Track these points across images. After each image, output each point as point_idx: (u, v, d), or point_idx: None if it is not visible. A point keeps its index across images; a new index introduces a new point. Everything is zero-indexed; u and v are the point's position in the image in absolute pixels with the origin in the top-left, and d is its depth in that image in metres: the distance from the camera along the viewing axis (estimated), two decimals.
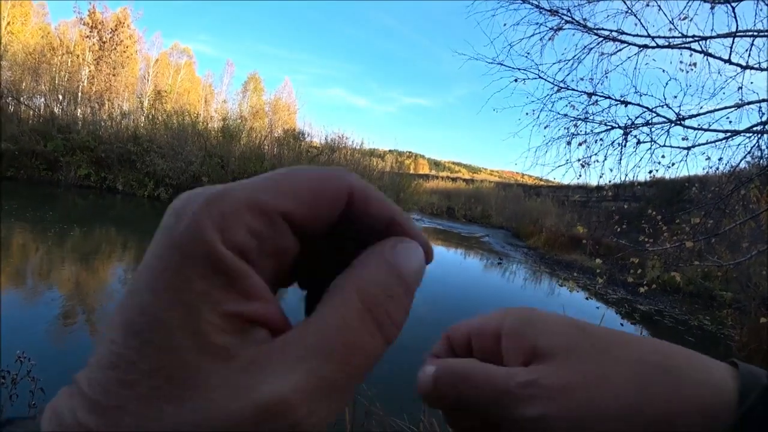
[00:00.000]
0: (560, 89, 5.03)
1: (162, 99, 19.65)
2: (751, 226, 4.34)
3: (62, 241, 6.75)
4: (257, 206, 0.15)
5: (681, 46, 4.26)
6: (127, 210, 11.05)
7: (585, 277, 10.17)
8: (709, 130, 4.20)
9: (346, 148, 17.28)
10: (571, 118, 5.05)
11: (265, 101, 39.09)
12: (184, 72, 34.60)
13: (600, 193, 16.84)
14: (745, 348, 4.61)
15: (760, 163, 4.01)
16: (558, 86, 5.02)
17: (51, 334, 3.63)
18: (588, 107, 4.91)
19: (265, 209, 0.16)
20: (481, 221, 24.32)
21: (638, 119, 4.54)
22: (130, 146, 13.35)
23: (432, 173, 47.92)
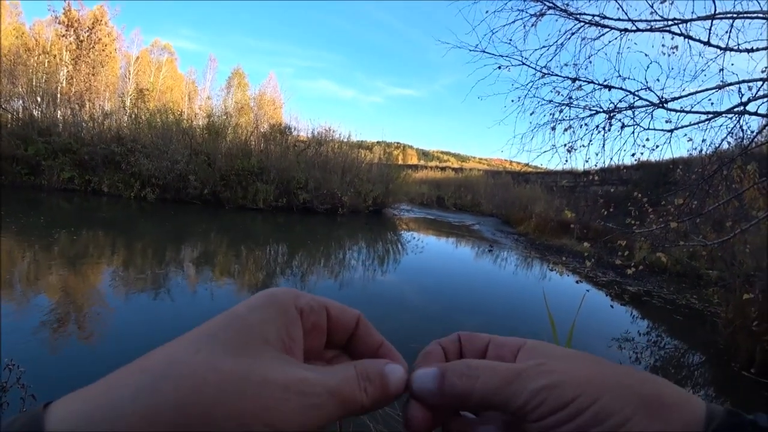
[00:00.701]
0: (544, 75, 5.04)
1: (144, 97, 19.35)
2: (734, 205, 4.43)
3: (49, 246, 6.64)
4: (313, 301, 0.30)
5: (662, 30, 4.29)
6: (113, 212, 10.89)
7: (575, 260, 10.30)
8: (692, 112, 4.25)
9: (334, 141, 17.17)
10: (556, 104, 5.07)
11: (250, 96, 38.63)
12: (166, 69, 33.98)
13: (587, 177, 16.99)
14: (730, 324, 4.72)
15: (741, 144, 4.08)
16: (542, 72, 5.04)
17: (40, 340, 3.59)
18: (572, 92, 4.94)
19: (315, 305, 0.30)
20: (471, 209, 24.45)
21: (621, 103, 4.58)
22: (113, 147, 13.12)
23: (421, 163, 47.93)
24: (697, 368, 4.75)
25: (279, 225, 12.32)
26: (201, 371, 0.21)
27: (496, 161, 57.55)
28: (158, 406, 0.20)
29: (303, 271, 7.40)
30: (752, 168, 4.51)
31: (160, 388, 0.21)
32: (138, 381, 0.21)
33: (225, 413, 0.21)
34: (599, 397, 0.24)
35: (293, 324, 0.27)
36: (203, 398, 0.21)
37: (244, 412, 0.21)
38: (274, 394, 0.22)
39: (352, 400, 0.26)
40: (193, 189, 13.15)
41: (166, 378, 0.21)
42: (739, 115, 3.94)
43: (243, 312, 0.26)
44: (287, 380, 0.23)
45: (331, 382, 0.25)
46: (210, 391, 0.21)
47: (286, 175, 14.33)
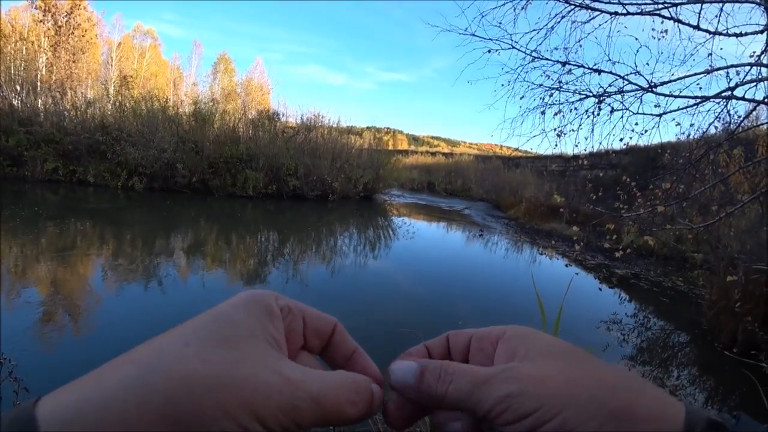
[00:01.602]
0: (534, 59, 5.02)
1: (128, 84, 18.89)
2: (720, 190, 4.49)
3: (36, 238, 6.54)
4: (291, 303, 0.31)
5: (652, 13, 4.27)
6: (101, 202, 10.72)
7: (564, 244, 10.42)
8: (680, 97, 4.28)
9: (323, 126, 16.99)
10: (546, 88, 5.06)
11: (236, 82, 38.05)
12: (150, 55, 33.19)
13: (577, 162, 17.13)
14: (714, 306, 4.83)
15: (728, 128, 4.11)
16: (532, 56, 5.01)
17: (31, 334, 3.56)
18: (562, 76, 4.93)
19: (293, 308, 0.30)
20: (461, 194, 24.50)
21: (611, 87, 4.59)
22: (98, 136, 12.83)
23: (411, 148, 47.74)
24: (682, 348, 4.87)
25: (269, 212, 12.26)
26: (191, 363, 0.22)
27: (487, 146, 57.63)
28: (148, 396, 0.20)
29: (294, 258, 7.40)
30: (738, 152, 4.56)
31: (149, 380, 0.21)
32: (127, 373, 0.21)
33: (213, 403, 0.21)
34: (562, 410, 0.24)
35: (277, 321, 0.28)
36: (193, 389, 0.21)
37: (232, 403, 0.22)
38: (259, 388, 0.23)
39: (336, 410, 0.26)
40: (181, 177, 12.98)
41: (155, 370, 0.21)
42: (727, 99, 3.97)
43: (228, 309, 0.26)
44: (273, 376, 0.24)
45: (314, 388, 0.25)
46: (199, 382, 0.22)
47: (275, 161, 14.19)
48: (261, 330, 0.26)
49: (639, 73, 4.33)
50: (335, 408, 0.26)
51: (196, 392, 0.21)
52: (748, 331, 4.24)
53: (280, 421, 0.23)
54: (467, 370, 0.28)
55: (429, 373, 0.29)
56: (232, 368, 0.23)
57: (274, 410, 0.23)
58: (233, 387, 0.22)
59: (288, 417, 0.24)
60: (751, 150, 4.71)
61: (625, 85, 4.46)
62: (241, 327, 0.25)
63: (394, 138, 69.14)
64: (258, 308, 0.27)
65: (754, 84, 3.82)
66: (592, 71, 4.67)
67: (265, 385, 0.23)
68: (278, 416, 0.23)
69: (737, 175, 4.39)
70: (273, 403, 0.23)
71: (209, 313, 0.26)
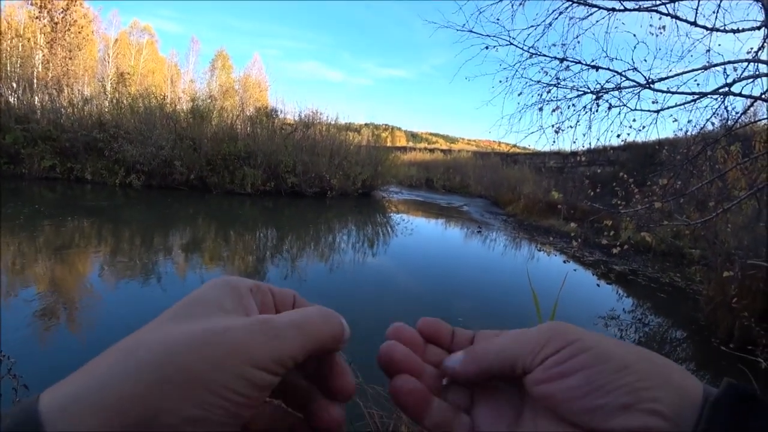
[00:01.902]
0: (532, 55, 5.01)
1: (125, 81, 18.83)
2: (717, 186, 4.51)
3: (34, 236, 6.53)
4: (259, 283, 0.32)
5: (650, 9, 4.27)
6: (98, 200, 10.70)
7: (562, 241, 10.44)
8: (678, 93, 4.28)
9: (321, 123, 16.95)
10: (544, 85, 5.06)
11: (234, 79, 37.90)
12: (147, 52, 33.03)
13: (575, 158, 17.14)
14: (711, 301, 4.85)
15: (726, 124, 4.12)
16: (529, 52, 5.01)
17: (30, 331, 3.56)
18: (559, 73, 4.93)
19: (261, 286, 0.32)
20: (459, 191, 24.51)
21: (609, 83, 4.59)
22: (95, 133, 12.78)
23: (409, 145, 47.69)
24: (679, 344, 4.90)
25: (267, 209, 12.24)
26: (170, 334, 0.24)
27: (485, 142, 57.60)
28: (138, 367, 0.22)
29: (292, 255, 7.40)
30: (735, 148, 4.58)
31: (136, 355, 0.22)
32: (115, 358, 0.23)
33: (199, 358, 0.22)
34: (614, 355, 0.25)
35: (247, 298, 0.29)
36: (177, 352, 0.22)
37: (219, 354, 0.23)
38: (238, 335, 0.24)
39: (316, 332, 0.27)
40: (179, 175, 12.95)
41: (138, 347, 0.23)
42: (724, 96, 3.97)
43: (198, 293, 0.28)
44: (250, 322, 0.25)
45: (294, 316, 0.27)
46: (181, 346, 0.23)
47: (273, 158, 14.16)
48: (232, 305, 0.28)
49: (636, 70, 4.33)
50: (315, 330, 0.27)
51: (180, 353, 0.22)
52: (745, 327, 4.27)
53: (270, 356, 0.24)
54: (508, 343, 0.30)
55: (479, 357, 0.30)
56: (210, 330, 0.24)
57: (261, 347, 0.24)
58: (216, 341, 0.23)
59: (276, 350, 0.25)
60: (748, 146, 4.72)
61: (623, 81, 4.47)
62: (212, 304, 0.27)
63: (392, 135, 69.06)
64: (228, 288, 0.29)
65: (752, 80, 3.83)
66: (589, 68, 4.67)
67: (245, 329, 0.25)
68: (267, 352, 0.24)
69: (734, 171, 4.41)
70: (258, 342, 0.24)
71: (181, 300, 0.27)
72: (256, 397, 0.24)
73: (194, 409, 0.22)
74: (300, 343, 0.26)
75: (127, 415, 0.20)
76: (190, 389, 0.22)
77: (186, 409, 0.22)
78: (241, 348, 0.24)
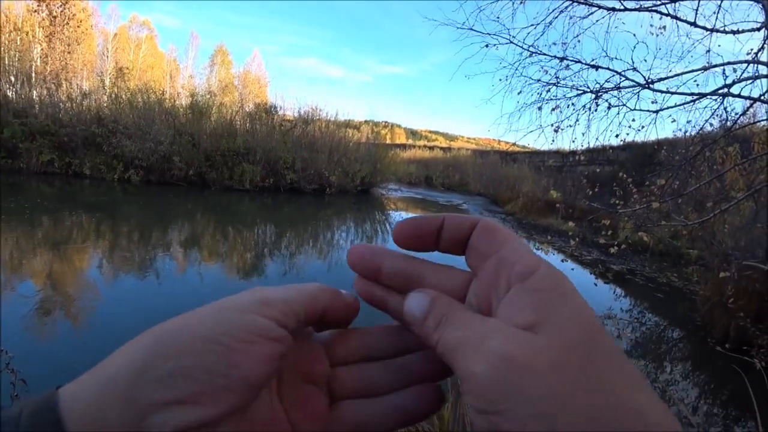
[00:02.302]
0: (532, 54, 5.02)
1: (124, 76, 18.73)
2: (715, 186, 4.52)
3: (32, 230, 6.52)
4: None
5: (650, 9, 4.27)
6: (97, 195, 10.68)
7: (560, 240, 10.46)
8: (677, 93, 4.28)
9: (321, 120, 16.92)
10: (543, 83, 5.07)
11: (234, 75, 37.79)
12: (146, 46, 32.90)
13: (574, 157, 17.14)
14: (707, 302, 4.87)
15: (725, 125, 4.13)
16: (529, 51, 5.01)
17: (27, 325, 3.56)
18: (559, 72, 4.93)
19: None
20: (459, 189, 24.50)
21: (608, 83, 4.59)
22: (94, 128, 12.73)
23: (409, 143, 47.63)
24: (675, 344, 4.92)
25: (266, 206, 12.23)
26: (173, 323, 0.23)
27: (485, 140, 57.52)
28: (136, 345, 0.22)
29: (291, 251, 7.40)
30: (734, 149, 4.58)
31: (140, 340, 0.22)
32: (125, 349, 0.22)
33: (186, 318, 0.23)
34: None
35: None
36: (171, 322, 0.23)
37: (205, 311, 0.23)
38: (234, 315, 0.23)
39: (316, 290, 0.27)
40: (178, 170, 12.92)
41: (143, 336, 0.22)
42: (723, 96, 3.98)
43: None
44: (244, 301, 0.24)
45: (289, 293, 0.26)
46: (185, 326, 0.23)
47: (272, 155, 14.14)
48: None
49: (636, 70, 4.34)
50: (314, 289, 0.27)
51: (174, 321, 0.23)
52: (741, 327, 4.29)
53: (260, 300, 0.24)
54: (459, 324, 0.23)
55: (432, 314, 0.25)
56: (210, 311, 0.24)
57: (249, 295, 0.24)
58: (212, 319, 0.23)
59: (265, 298, 0.24)
60: (747, 147, 4.73)
61: (623, 81, 4.47)
62: None
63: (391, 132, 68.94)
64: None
65: (751, 81, 3.84)
66: (589, 67, 4.67)
67: (240, 310, 0.24)
68: (257, 299, 0.24)
69: (733, 172, 4.42)
70: (247, 296, 0.24)
71: None
72: (253, 341, 0.22)
73: (180, 359, 0.21)
74: (288, 294, 0.25)
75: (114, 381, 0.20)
76: (173, 341, 0.21)
77: (171, 361, 0.21)
78: (227, 302, 0.24)
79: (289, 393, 0.26)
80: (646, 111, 4.53)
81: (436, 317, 0.24)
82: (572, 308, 0.22)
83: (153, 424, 0.20)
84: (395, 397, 0.27)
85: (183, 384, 0.20)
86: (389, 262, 0.29)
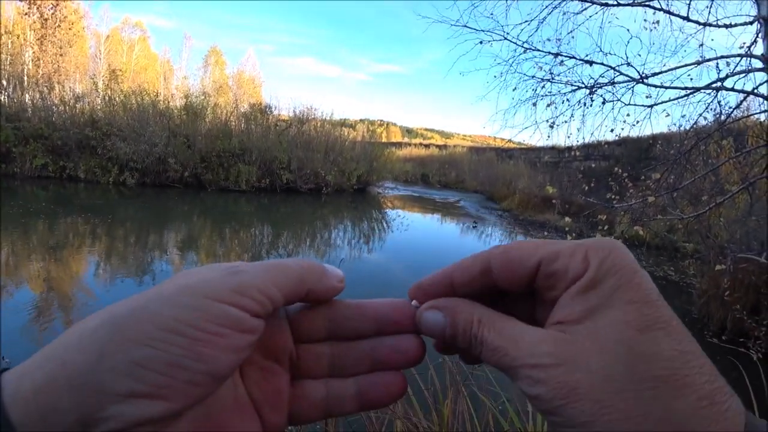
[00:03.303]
0: (526, 50, 5.02)
1: (117, 78, 18.61)
2: (710, 180, 4.53)
3: (27, 235, 6.48)
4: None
5: (643, 4, 4.28)
6: (92, 198, 10.63)
7: (557, 235, 10.48)
8: (671, 88, 4.30)
9: (316, 119, 16.91)
10: (538, 80, 5.07)
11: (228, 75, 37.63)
12: (139, 48, 32.70)
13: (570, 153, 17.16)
14: (704, 295, 4.90)
15: (718, 119, 4.14)
16: (524, 47, 5.01)
17: (23, 331, 3.54)
18: (554, 68, 4.94)
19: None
20: (455, 186, 24.53)
21: (602, 78, 4.60)
22: (87, 131, 12.67)
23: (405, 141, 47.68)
24: None
25: (263, 206, 12.21)
26: (128, 306, 0.21)
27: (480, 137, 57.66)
28: (81, 331, 0.20)
29: (288, 251, 7.39)
30: (728, 143, 4.60)
31: (91, 323, 0.20)
32: (75, 333, 0.20)
33: (145, 299, 0.21)
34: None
35: None
36: (121, 305, 0.21)
37: (165, 292, 0.21)
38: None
39: (292, 265, 0.25)
40: (173, 172, 12.88)
41: (94, 319, 0.21)
42: (717, 90, 3.99)
43: None
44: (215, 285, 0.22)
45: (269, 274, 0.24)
46: (128, 301, 0.21)
47: (268, 155, 14.12)
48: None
49: (630, 64, 4.34)
50: (289, 265, 0.25)
51: (125, 304, 0.21)
52: (737, 319, 4.31)
53: (231, 287, 0.22)
54: (498, 347, 0.24)
55: (459, 335, 0.26)
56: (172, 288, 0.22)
57: (220, 279, 0.22)
58: (167, 284, 0.22)
59: (238, 282, 0.22)
60: (741, 140, 4.75)
61: (617, 76, 4.48)
62: None
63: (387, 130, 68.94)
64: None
65: (744, 75, 3.85)
66: (583, 62, 4.68)
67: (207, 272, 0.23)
68: (227, 284, 0.22)
69: (727, 165, 4.43)
70: (217, 276, 0.23)
71: None
72: (223, 334, 0.21)
73: (143, 349, 0.19)
74: (269, 276, 0.23)
75: (68, 367, 0.19)
76: (133, 327, 0.19)
77: (132, 350, 0.19)
78: (195, 284, 0.22)
79: (250, 370, 0.25)
80: (640, 106, 4.54)
81: (464, 336, 0.25)
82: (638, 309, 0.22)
83: (110, 416, 0.18)
84: (358, 380, 0.27)
85: (147, 376, 0.19)
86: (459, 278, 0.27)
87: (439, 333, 0.26)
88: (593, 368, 0.20)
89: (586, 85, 4.70)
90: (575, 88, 4.84)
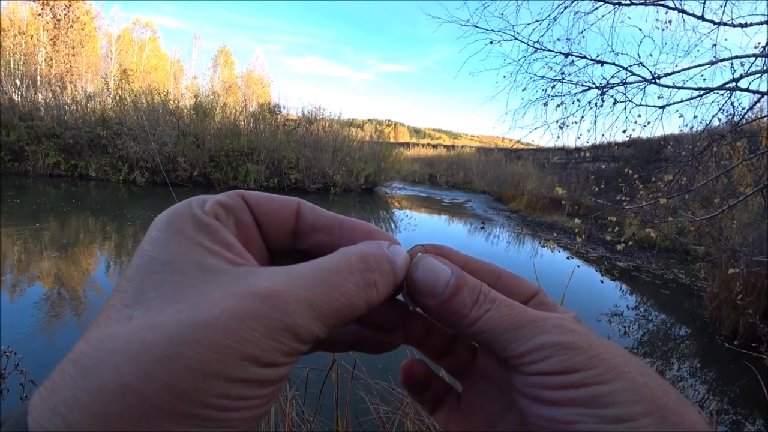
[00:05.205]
0: (536, 50, 5.00)
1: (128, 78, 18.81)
2: (723, 182, 4.48)
3: (39, 232, 6.56)
4: (223, 197, 0.24)
5: (656, 3, 4.23)
6: (103, 197, 10.75)
7: (566, 237, 10.41)
8: (684, 88, 4.25)
9: (324, 119, 16.95)
10: (548, 80, 5.05)
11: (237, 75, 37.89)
12: (150, 48, 33.04)
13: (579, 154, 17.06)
14: (715, 298, 4.83)
15: (732, 120, 4.09)
16: (534, 47, 4.99)
17: (36, 328, 3.58)
18: (564, 68, 4.91)
19: (228, 203, 0.24)
20: (463, 187, 24.45)
21: (614, 78, 4.57)
22: (99, 130, 12.82)
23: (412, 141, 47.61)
24: (683, 340, 4.88)
25: None
26: (132, 338, 0.17)
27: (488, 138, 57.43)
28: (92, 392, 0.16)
29: None
30: (742, 144, 4.55)
31: (94, 376, 0.16)
32: (71, 378, 0.17)
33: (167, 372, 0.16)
34: (612, 379, 0.20)
35: (221, 232, 0.21)
36: (147, 369, 0.16)
37: (192, 362, 0.16)
38: (231, 326, 0.17)
39: (347, 303, 0.20)
40: (182, 171, 12.97)
41: (99, 364, 0.17)
42: (731, 91, 3.94)
43: (149, 250, 0.20)
44: (241, 298, 0.18)
45: (304, 281, 0.19)
46: (145, 359, 0.16)
47: (276, 154, 14.18)
48: (207, 251, 0.20)
49: (642, 65, 4.31)
50: (345, 301, 0.20)
51: (143, 368, 0.16)
52: (750, 324, 4.25)
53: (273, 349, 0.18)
54: (513, 303, 0.24)
55: (467, 289, 0.23)
56: (188, 320, 0.17)
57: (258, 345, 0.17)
58: (194, 343, 0.16)
59: (280, 343, 0.18)
60: (754, 142, 4.68)
61: (628, 76, 4.44)
62: (182, 262, 0.19)
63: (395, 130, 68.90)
64: (195, 227, 0.21)
65: (759, 75, 3.80)
66: (594, 62, 4.65)
67: (238, 319, 0.17)
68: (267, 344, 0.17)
69: (740, 167, 4.38)
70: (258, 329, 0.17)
71: (132, 266, 0.20)
72: (259, 395, 0.18)
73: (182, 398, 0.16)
74: (316, 299, 0.19)
75: None
76: (166, 370, 0.16)
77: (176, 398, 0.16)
78: (230, 341, 0.17)
79: None
80: (652, 106, 4.50)
81: (472, 293, 0.23)
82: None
83: None
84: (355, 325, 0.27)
85: (196, 423, 0.16)
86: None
87: (441, 283, 0.23)
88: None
89: (597, 86, 4.66)
90: (586, 89, 4.81)
